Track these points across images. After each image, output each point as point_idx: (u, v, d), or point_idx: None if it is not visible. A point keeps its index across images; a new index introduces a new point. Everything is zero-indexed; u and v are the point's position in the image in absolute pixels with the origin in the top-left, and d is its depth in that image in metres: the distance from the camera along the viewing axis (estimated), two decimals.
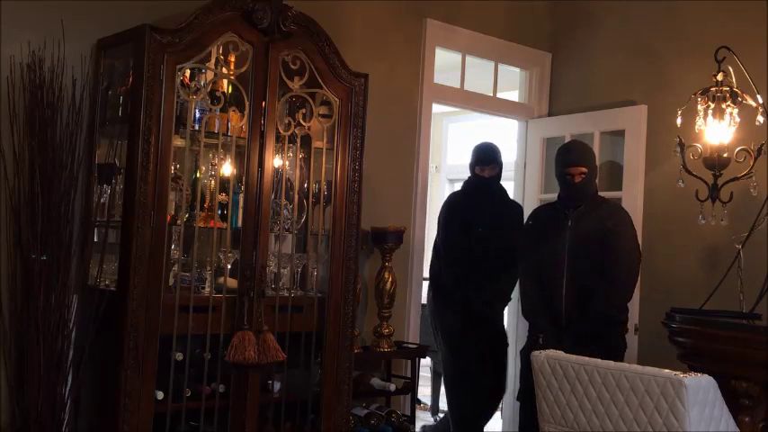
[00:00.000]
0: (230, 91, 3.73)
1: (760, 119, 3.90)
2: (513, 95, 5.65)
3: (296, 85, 3.76)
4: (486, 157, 4.92)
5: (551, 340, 4.00)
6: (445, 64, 5.22)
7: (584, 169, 4.19)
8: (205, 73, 3.69)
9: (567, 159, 4.22)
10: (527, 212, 4.88)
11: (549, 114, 5.46)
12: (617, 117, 4.98)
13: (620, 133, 4.99)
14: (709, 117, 3.96)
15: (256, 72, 3.64)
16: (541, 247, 4.29)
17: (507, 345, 5.02)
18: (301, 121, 3.83)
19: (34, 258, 3.33)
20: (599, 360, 2.86)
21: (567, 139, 5.18)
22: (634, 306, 4.71)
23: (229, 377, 3.60)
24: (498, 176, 4.95)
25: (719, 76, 3.95)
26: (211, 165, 3.73)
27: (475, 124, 8.68)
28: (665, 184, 4.55)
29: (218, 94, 3.64)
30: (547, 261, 4.23)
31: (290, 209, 3.87)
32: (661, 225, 4.76)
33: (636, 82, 4.98)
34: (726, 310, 3.61)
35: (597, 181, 4.37)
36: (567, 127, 5.25)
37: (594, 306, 4.05)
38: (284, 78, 3.72)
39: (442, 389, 7.20)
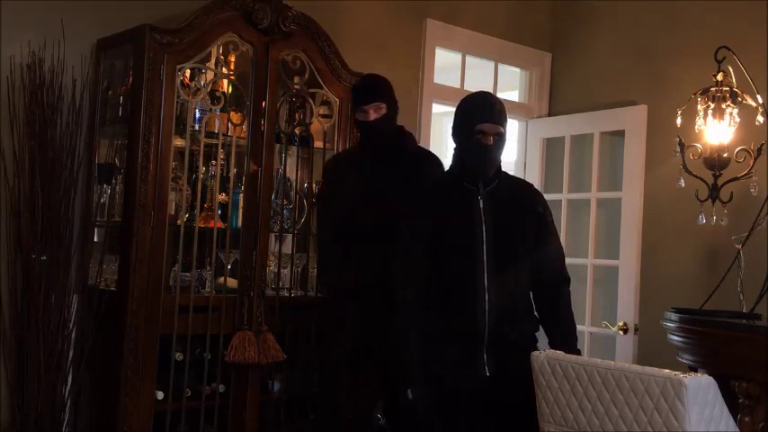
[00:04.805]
0: (230, 91, 3.73)
1: (760, 119, 3.90)
2: (513, 95, 5.64)
3: (296, 85, 3.77)
4: (366, 92, 3.50)
5: (466, 375, 3.03)
6: (445, 64, 5.22)
7: (501, 129, 3.13)
8: (205, 73, 3.70)
9: (483, 114, 3.10)
10: None
11: (549, 114, 5.46)
12: (617, 117, 4.97)
13: (620, 133, 4.98)
14: (709, 117, 3.96)
15: (256, 72, 3.64)
16: (445, 242, 3.13)
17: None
18: (301, 121, 3.83)
19: (34, 258, 3.33)
20: (599, 360, 2.85)
21: (568, 140, 5.17)
22: (634, 306, 4.71)
23: (229, 377, 3.60)
24: (388, 117, 3.49)
25: (719, 76, 3.94)
26: (211, 165, 3.74)
27: None
28: (665, 184, 4.54)
29: (218, 94, 3.65)
30: (457, 261, 3.10)
31: (290, 209, 3.87)
32: (661, 225, 4.75)
33: (636, 82, 4.97)
34: (726, 310, 3.60)
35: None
36: (567, 127, 5.24)
37: (564, 313, 3.25)
38: (284, 78, 3.73)
39: None
